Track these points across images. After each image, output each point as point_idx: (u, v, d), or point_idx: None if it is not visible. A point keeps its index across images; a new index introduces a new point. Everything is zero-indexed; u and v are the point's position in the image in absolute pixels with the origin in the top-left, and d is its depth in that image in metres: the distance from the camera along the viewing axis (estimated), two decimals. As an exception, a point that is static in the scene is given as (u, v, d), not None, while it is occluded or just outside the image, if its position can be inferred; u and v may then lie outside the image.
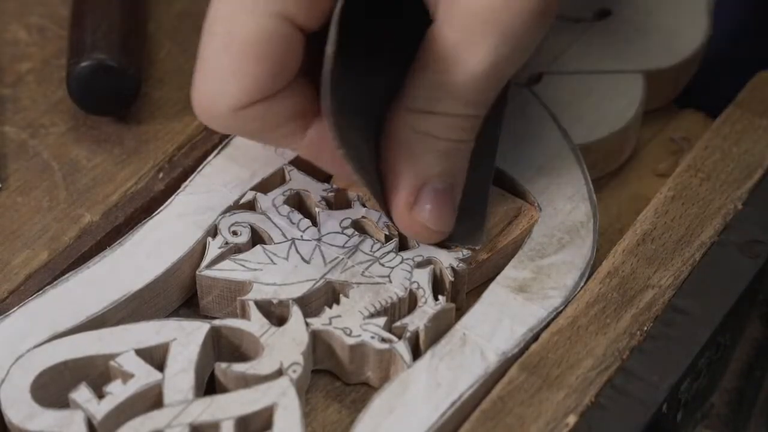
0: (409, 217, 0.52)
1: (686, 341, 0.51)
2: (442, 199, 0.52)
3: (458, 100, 0.50)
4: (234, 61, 0.48)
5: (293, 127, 0.50)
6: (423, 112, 0.50)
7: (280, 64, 0.48)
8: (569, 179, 0.57)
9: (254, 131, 0.51)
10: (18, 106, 0.61)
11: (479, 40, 0.48)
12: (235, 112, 0.49)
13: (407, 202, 0.52)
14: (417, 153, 0.51)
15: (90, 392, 0.49)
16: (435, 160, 0.51)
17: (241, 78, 0.48)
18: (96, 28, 0.59)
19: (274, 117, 0.50)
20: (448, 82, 0.49)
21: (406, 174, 0.51)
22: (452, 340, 0.51)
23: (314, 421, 0.52)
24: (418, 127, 0.51)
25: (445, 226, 0.53)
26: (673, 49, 0.62)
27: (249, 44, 0.48)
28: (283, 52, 0.48)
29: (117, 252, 0.53)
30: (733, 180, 0.56)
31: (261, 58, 0.48)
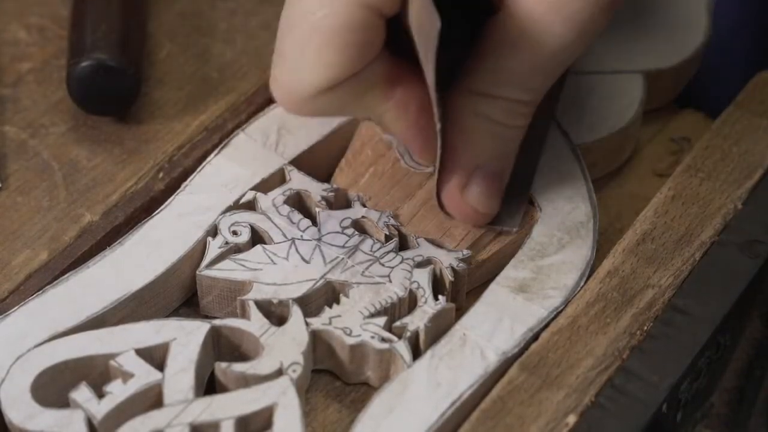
0: (460, 198, 0.53)
1: (686, 341, 0.51)
2: (492, 183, 0.53)
3: (519, 85, 0.51)
4: (318, 50, 0.49)
5: (376, 95, 0.51)
6: (484, 95, 0.51)
7: (365, 49, 0.49)
8: (569, 179, 0.57)
9: (339, 109, 0.52)
10: (18, 106, 0.61)
11: (545, 29, 0.49)
12: (318, 96, 0.50)
13: (459, 183, 0.53)
14: (473, 135, 0.52)
15: (90, 392, 0.49)
16: (490, 143, 0.52)
17: (326, 65, 0.49)
18: (96, 28, 0.59)
19: (358, 91, 0.51)
20: (511, 68, 0.50)
21: (461, 155, 0.52)
22: (452, 340, 0.51)
23: (314, 421, 0.52)
24: (478, 110, 0.51)
25: (491, 209, 0.54)
26: (673, 49, 0.62)
27: (333, 35, 0.48)
28: (366, 40, 0.49)
29: (117, 252, 0.53)
30: (733, 180, 0.56)
31: (345, 48, 0.49)
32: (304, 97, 0.50)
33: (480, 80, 0.51)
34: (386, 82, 0.51)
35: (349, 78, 0.50)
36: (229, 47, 0.64)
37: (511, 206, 0.55)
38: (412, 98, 0.52)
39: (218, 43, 0.64)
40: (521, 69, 0.50)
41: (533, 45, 0.49)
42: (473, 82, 0.51)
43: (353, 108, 0.52)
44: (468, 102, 0.51)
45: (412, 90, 0.52)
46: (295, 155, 0.57)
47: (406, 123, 0.53)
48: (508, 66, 0.50)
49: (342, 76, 0.49)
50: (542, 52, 0.49)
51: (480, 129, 0.52)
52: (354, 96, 0.51)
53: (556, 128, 0.58)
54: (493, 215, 0.54)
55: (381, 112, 0.52)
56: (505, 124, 0.52)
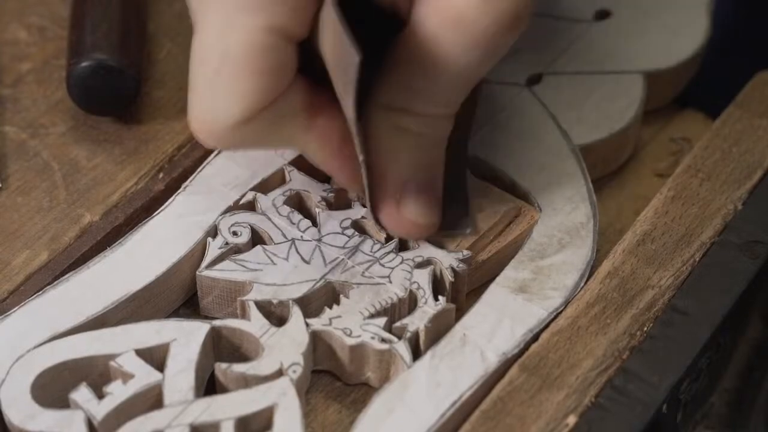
0: (397, 214, 0.53)
1: (686, 341, 0.51)
2: (426, 193, 0.52)
3: (432, 100, 0.50)
4: (229, 81, 0.48)
5: (297, 126, 0.50)
6: (398, 110, 0.50)
7: (276, 76, 0.48)
8: (569, 179, 0.57)
9: (260, 141, 0.51)
10: (18, 106, 0.61)
11: (449, 49, 0.48)
12: (237, 128, 0.49)
13: (393, 200, 0.52)
14: (397, 150, 0.51)
15: (90, 392, 0.49)
16: (414, 155, 0.51)
17: (239, 96, 0.48)
18: (96, 28, 0.59)
19: (276, 121, 0.49)
20: (421, 85, 0.49)
21: (388, 173, 0.52)
22: (452, 341, 0.51)
23: (314, 421, 0.52)
24: (396, 124, 0.51)
25: (431, 218, 0.53)
26: (673, 49, 0.62)
27: (242, 62, 0.47)
28: (277, 64, 0.48)
29: (117, 252, 0.53)
30: (733, 180, 0.56)
31: (256, 74, 0.48)
32: (221, 130, 0.49)
33: (393, 96, 0.50)
34: (306, 112, 0.50)
35: (265, 108, 0.48)
36: (229, 47, 0.64)
37: (455, 210, 0.55)
38: (334, 128, 0.51)
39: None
40: (431, 86, 0.49)
41: (439, 64, 0.48)
42: (387, 98, 0.50)
43: (274, 140, 0.51)
44: (385, 118, 0.50)
45: (333, 119, 0.51)
46: (295, 155, 0.57)
47: (330, 153, 0.52)
48: (417, 83, 0.49)
49: (257, 106, 0.48)
50: (449, 71, 0.49)
51: (402, 142, 0.51)
52: (273, 127, 0.49)
53: (556, 128, 0.58)
54: (435, 225, 0.53)
55: (303, 144, 0.51)
56: (425, 134, 0.51)
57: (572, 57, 0.62)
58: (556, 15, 0.63)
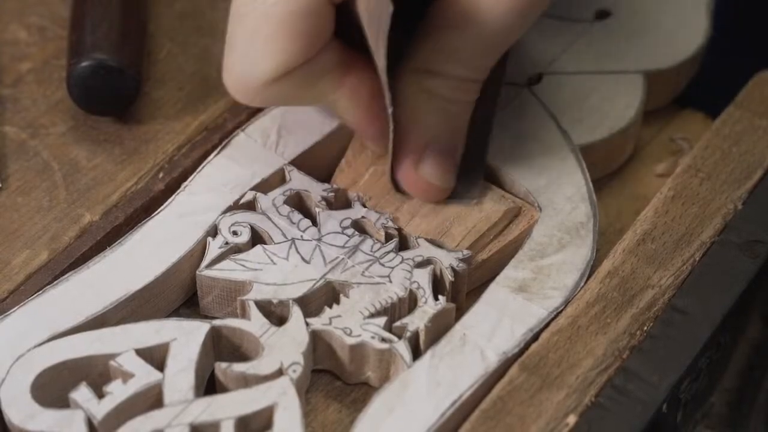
0: (415, 174, 0.54)
1: (686, 341, 0.51)
2: (446, 157, 0.54)
3: (463, 63, 0.51)
4: (268, 41, 0.49)
5: (328, 82, 0.52)
6: (429, 72, 0.52)
7: (315, 37, 0.50)
8: (569, 179, 0.57)
9: (292, 97, 0.52)
10: (18, 106, 0.61)
11: (487, 10, 0.50)
12: (271, 85, 0.50)
13: (413, 160, 0.54)
14: (422, 112, 0.53)
15: (90, 392, 0.49)
16: (439, 119, 0.53)
17: (277, 54, 0.49)
18: (96, 28, 0.59)
19: (310, 79, 0.51)
20: (455, 47, 0.51)
21: (412, 133, 0.53)
22: (452, 340, 0.51)
23: (314, 421, 0.52)
24: (425, 87, 0.52)
25: (447, 182, 0.55)
26: (673, 49, 0.62)
27: (283, 23, 0.49)
28: (317, 27, 0.49)
29: (117, 252, 0.53)
30: (733, 180, 0.56)
31: (296, 35, 0.49)
32: (256, 85, 0.50)
33: (425, 59, 0.52)
34: (337, 70, 0.52)
35: (300, 65, 0.50)
36: (229, 47, 0.64)
37: (468, 179, 0.56)
38: (364, 85, 0.52)
39: (218, 43, 0.64)
40: (465, 48, 0.51)
41: (476, 25, 0.50)
42: (419, 61, 0.52)
43: (306, 96, 0.52)
44: (415, 80, 0.52)
45: (364, 77, 0.52)
46: (295, 155, 0.57)
47: (359, 110, 0.53)
48: (453, 45, 0.51)
49: (293, 64, 0.50)
50: (485, 32, 0.50)
51: (428, 106, 0.52)
52: (306, 84, 0.51)
53: (556, 128, 0.58)
54: (449, 189, 0.55)
55: (333, 100, 0.53)
56: (452, 99, 0.53)
57: (572, 57, 0.62)
58: (556, 15, 0.63)
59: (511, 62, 0.61)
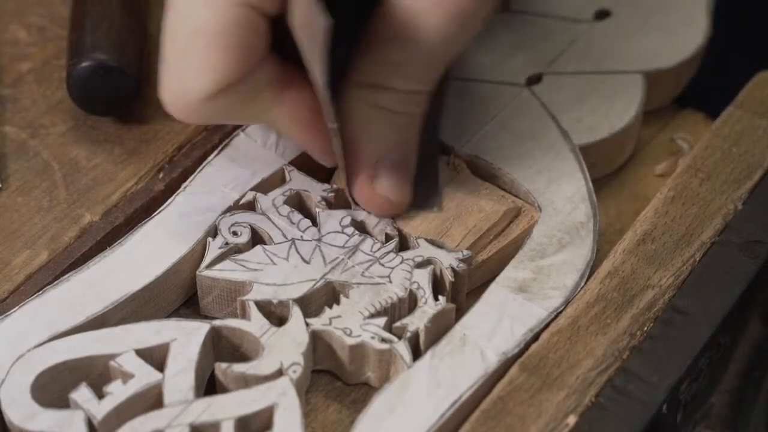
0: (372, 191, 0.53)
1: (686, 341, 0.51)
2: (400, 171, 0.53)
3: (408, 76, 0.51)
4: (201, 56, 0.48)
5: (267, 99, 0.51)
6: (375, 87, 0.51)
7: (248, 51, 0.49)
8: (569, 179, 0.57)
9: (230, 114, 0.51)
10: (18, 106, 0.61)
11: (426, 23, 0.49)
12: (208, 101, 0.49)
13: (367, 176, 0.53)
14: (372, 127, 0.52)
15: (90, 392, 0.49)
16: (390, 132, 0.52)
17: (211, 70, 0.48)
18: (96, 28, 0.59)
19: (247, 95, 0.50)
20: (399, 60, 0.50)
21: (363, 149, 0.52)
22: (452, 341, 0.51)
23: (314, 421, 0.52)
24: (371, 102, 0.51)
25: (404, 196, 0.54)
26: (673, 49, 0.62)
27: (215, 37, 0.48)
28: (250, 40, 0.48)
29: (117, 252, 0.53)
30: (733, 180, 0.56)
31: (229, 49, 0.48)
32: (192, 103, 0.49)
33: (370, 73, 0.51)
34: (276, 86, 0.51)
35: (236, 82, 0.49)
36: (229, 47, 0.64)
37: (426, 189, 0.55)
38: (304, 101, 0.51)
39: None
40: (409, 60, 0.50)
41: (417, 38, 0.49)
42: (364, 75, 0.51)
43: (244, 113, 0.51)
44: (361, 95, 0.51)
45: (304, 93, 0.51)
46: (295, 155, 0.57)
47: (301, 127, 0.52)
48: (396, 58, 0.50)
49: (228, 80, 0.49)
50: (426, 44, 0.49)
51: (378, 120, 0.52)
52: (244, 101, 0.50)
53: (556, 128, 0.58)
54: (406, 203, 0.54)
55: (273, 117, 0.52)
56: (401, 112, 0.52)
57: (572, 57, 0.62)
58: (556, 15, 0.63)
59: (511, 62, 0.61)
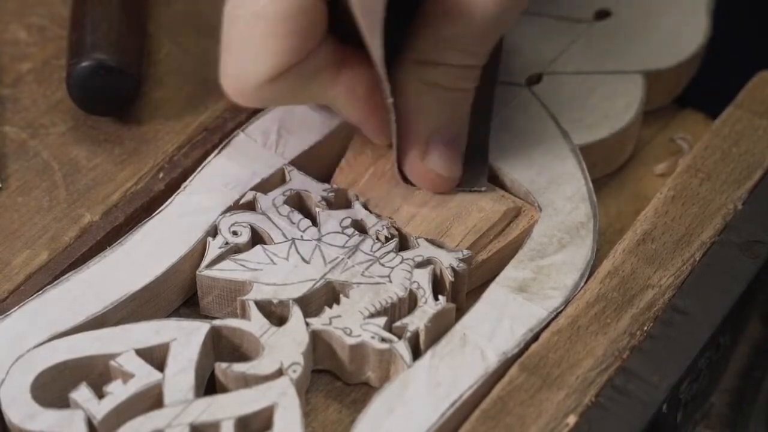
0: (422, 166, 0.54)
1: (686, 341, 0.51)
2: (451, 147, 0.54)
3: (462, 50, 0.52)
4: (261, 42, 0.49)
5: (325, 79, 0.52)
6: (429, 63, 0.52)
7: (309, 36, 0.50)
8: (569, 179, 0.57)
9: (289, 96, 0.52)
10: (18, 106, 0.61)
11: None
12: (267, 85, 0.50)
13: (419, 152, 0.54)
14: (424, 104, 0.53)
15: (90, 392, 0.49)
16: (442, 109, 0.53)
17: (272, 54, 0.49)
18: (96, 28, 0.59)
19: (305, 77, 0.51)
20: (451, 36, 0.51)
21: (415, 125, 0.53)
22: (452, 340, 0.51)
23: (314, 421, 0.52)
24: (425, 78, 0.52)
25: (454, 172, 0.55)
26: (673, 49, 0.62)
27: (276, 22, 0.49)
28: (310, 24, 0.49)
29: (117, 252, 0.53)
30: (733, 180, 0.56)
31: (289, 34, 0.49)
32: (252, 86, 0.50)
33: (423, 50, 0.52)
34: (333, 67, 0.52)
35: (295, 64, 0.50)
36: (229, 47, 0.64)
37: (473, 168, 0.56)
38: (361, 80, 0.52)
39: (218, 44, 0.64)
40: (461, 36, 0.51)
41: (470, 13, 0.50)
42: (417, 52, 0.52)
43: (303, 95, 0.52)
44: (414, 72, 0.52)
45: (360, 72, 0.52)
46: (295, 155, 0.57)
47: (357, 105, 0.53)
48: (449, 34, 0.51)
49: (288, 63, 0.50)
50: (480, 18, 0.50)
51: (430, 97, 0.53)
52: (302, 82, 0.51)
53: (556, 128, 0.58)
54: (457, 178, 0.55)
55: (330, 97, 0.53)
56: (453, 88, 0.53)
57: (572, 57, 0.62)
58: (556, 15, 0.63)
59: (511, 62, 0.61)
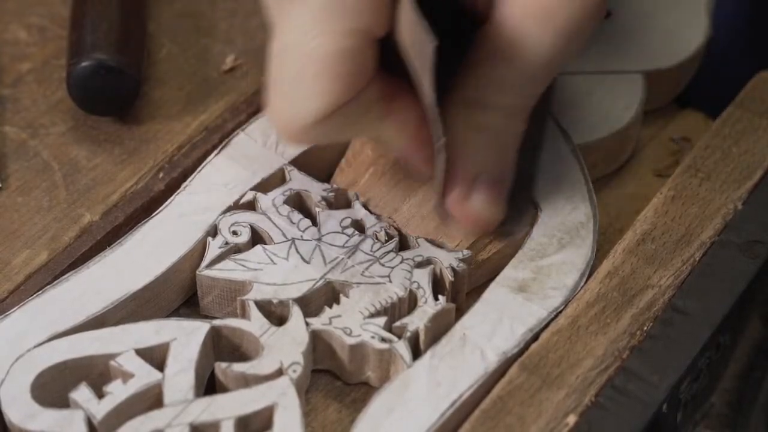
0: (464, 207, 0.53)
1: (686, 341, 0.51)
2: (495, 189, 0.53)
3: (512, 93, 0.51)
4: (312, 83, 0.48)
5: (374, 115, 0.51)
6: (478, 104, 0.51)
7: (359, 75, 0.49)
8: (569, 179, 0.57)
9: (339, 133, 0.52)
10: (18, 106, 0.61)
11: (534, 41, 0.49)
12: (317, 125, 0.49)
13: (463, 192, 0.53)
14: (471, 145, 0.52)
15: (90, 392, 0.49)
16: (489, 151, 0.52)
17: (322, 95, 0.49)
18: (96, 28, 0.59)
19: (356, 114, 0.50)
20: (503, 77, 0.50)
21: (461, 165, 0.52)
22: (452, 340, 0.51)
23: (314, 421, 0.52)
24: (473, 120, 0.52)
25: (497, 214, 0.54)
26: (673, 49, 0.62)
27: (326, 66, 0.48)
28: (360, 64, 0.49)
29: (117, 252, 0.53)
30: (733, 180, 0.56)
31: (341, 75, 0.48)
32: (303, 126, 0.50)
33: (473, 90, 0.51)
34: (382, 101, 0.51)
35: (345, 104, 0.49)
36: (229, 47, 0.64)
37: (515, 209, 0.55)
38: (410, 113, 0.52)
39: (218, 43, 0.64)
40: (513, 78, 0.50)
41: (524, 56, 0.49)
42: (467, 93, 0.51)
43: (352, 131, 0.52)
44: (463, 113, 0.51)
45: (408, 105, 0.52)
46: (295, 155, 0.57)
47: (406, 139, 0.53)
48: (500, 75, 0.50)
49: (339, 103, 0.49)
50: (533, 62, 0.50)
51: (477, 139, 0.52)
52: (352, 119, 0.50)
53: (556, 128, 0.58)
54: (499, 220, 0.54)
55: (380, 132, 0.52)
56: (501, 131, 0.52)
57: (572, 57, 0.62)
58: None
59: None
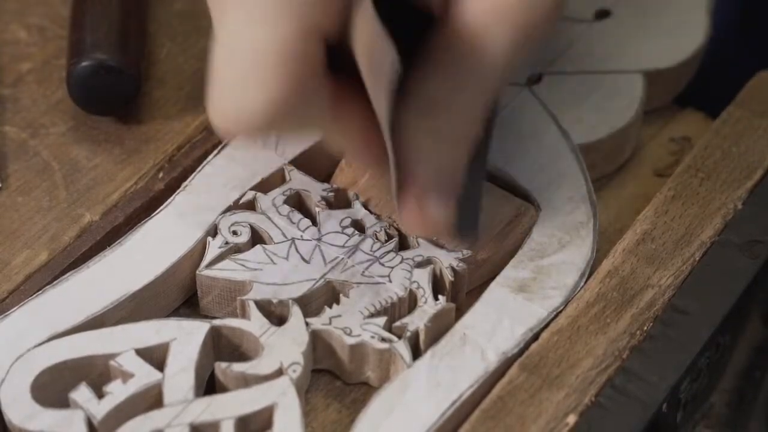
0: (418, 213, 0.52)
1: (686, 341, 0.51)
2: (447, 196, 0.52)
3: (471, 96, 0.50)
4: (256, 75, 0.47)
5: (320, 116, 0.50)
6: (433, 110, 0.50)
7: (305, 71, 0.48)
8: (569, 179, 0.57)
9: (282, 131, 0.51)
10: (18, 106, 0.61)
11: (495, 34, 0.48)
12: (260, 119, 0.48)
13: (416, 199, 0.52)
14: (425, 150, 0.51)
15: (90, 392, 0.49)
16: (443, 155, 0.51)
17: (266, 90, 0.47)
18: (96, 28, 0.59)
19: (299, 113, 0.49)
20: (461, 80, 0.49)
21: (413, 171, 0.52)
22: (452, 340, 0.51)
23: (314, 421, 0.52)
24: (427, 125, 0.50)
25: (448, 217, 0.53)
26: (673, 49, 0.62)
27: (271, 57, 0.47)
28: (307, 60, 0.48)
29: (117, 252, 0.53)
30: (733, 180, 0.56)
31: (286, 77, 0.47)
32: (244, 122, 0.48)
33: (428, 95, 0.50)
34: (329, 100, 0.50)
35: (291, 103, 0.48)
36: (229, 47, 0.64)
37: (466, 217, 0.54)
38: (357, 115, 0.51)
39: (218, 43, 0.64)
40: (472, 80, 0.49)
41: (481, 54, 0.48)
42: (419, 94, 0.50)
43: (296, 129, 0.51)
44: (416, 118, 0.50)
45: (357, 107, 0.51)
46: (295, 155, 0.57)
47: (353, 141, 0.52)
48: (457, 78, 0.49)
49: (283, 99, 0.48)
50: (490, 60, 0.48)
51: (431, 143, 0.51)
52: (295, 119, 0.49)
53: (557, 128, 0.58)
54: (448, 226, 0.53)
55: (326, 132, 0.52)
56: (456, 136, 0.51)
57: (572, 57, 0.62)
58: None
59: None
